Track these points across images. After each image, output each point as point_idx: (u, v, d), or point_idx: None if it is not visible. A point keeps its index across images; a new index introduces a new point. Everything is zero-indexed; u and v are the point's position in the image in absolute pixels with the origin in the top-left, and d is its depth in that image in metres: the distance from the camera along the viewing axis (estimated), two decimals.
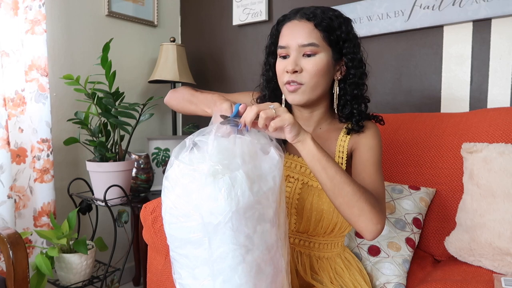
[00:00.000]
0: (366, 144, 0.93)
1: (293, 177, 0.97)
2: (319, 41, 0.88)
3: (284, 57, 0.92)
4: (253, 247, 0.66)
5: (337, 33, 0.90)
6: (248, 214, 0.66)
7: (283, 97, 0.97)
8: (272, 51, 0.98)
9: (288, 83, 0.90)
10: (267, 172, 0.70)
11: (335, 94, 0.94)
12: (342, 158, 0.95)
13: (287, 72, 0.89)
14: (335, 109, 0.96)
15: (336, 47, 0.91)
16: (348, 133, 0.95)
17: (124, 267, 1.70)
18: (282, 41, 0.92)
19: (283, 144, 0.97)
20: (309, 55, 0.89)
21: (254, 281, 0.67)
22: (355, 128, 0.94)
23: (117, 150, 1.71)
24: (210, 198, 0.64)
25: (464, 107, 1.54)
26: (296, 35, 0.89)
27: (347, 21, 0.93)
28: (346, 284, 0.97)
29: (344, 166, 0.95)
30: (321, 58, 0.89)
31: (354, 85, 0.93)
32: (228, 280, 0.65)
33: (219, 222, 0.63)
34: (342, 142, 0.95)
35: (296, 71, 0.89)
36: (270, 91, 1.01)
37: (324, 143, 0.96)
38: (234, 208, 0.64)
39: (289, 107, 1.01)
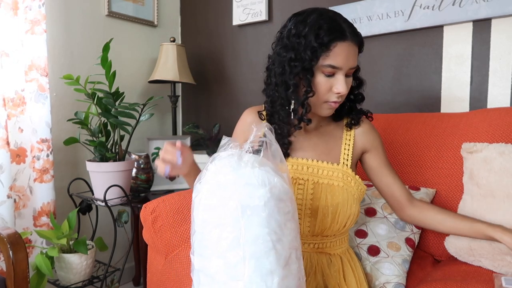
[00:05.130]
0: (379, 145, 1.03)
1: (302, 178, 0.97)
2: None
3: (329, 75, 0.88)
4: (282, 237, 0.70)
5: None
6: (280, 205, 0.71)
7: (291, 107, 0.92)
8: (306, 67, 0.86)
9: (334, 102, 0.91)
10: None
11: None
12: (348, 150, 1.01)
13: (337, 93, 0.89)
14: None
15: None
16: (349, 127, 1.03)
17: (124, 267, 1.70)
18: (335, 61, 0.86)
19: (285, 149, 0.98)
20: (348, 76, 0.91)
21: (284, 272, 0.69)
22: (354, 123, 1.01)
23: (117, 150, 1.71)
24: (248, 184, 0.69)
25: (464, 107, 1.53)
26: (350, 59, 0.88)
27: None
28: (350, 282, 0.98)
29: (349, 159, 1.00)
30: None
31: (355, 90, 1.00)
32: (260, 265, 0.67)
33: (255, 206, 0.68)
34: (348, 136, 1.02)
35: None
36: (306, 106, 0.91)
37: (329, 140, 1.01)
38: (269, 194, 0.69)
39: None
